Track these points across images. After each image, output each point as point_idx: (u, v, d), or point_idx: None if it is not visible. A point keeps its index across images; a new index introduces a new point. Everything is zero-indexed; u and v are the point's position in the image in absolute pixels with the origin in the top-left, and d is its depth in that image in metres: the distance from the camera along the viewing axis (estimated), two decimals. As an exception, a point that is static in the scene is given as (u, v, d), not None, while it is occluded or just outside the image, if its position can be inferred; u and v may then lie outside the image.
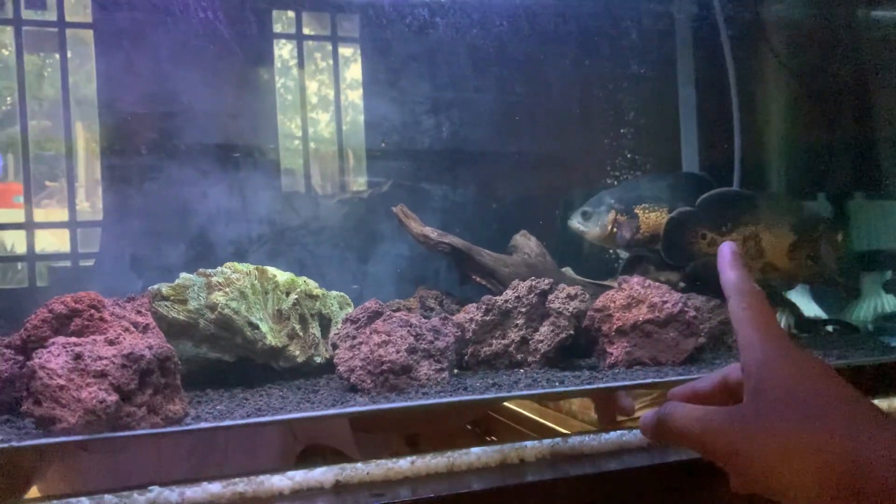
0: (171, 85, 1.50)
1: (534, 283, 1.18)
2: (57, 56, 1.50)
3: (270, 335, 1.17)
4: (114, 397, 0.79)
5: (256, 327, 1.16)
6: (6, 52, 1.45)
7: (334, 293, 1.30)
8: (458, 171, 1.60)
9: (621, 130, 1.64)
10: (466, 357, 1.17)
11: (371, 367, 1.01)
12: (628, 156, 1.62)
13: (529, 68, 1.56)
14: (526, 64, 1.55)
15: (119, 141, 1.52)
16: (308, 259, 1.51)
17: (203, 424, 0.85)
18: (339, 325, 1.18)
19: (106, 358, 0.82)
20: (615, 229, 1.42)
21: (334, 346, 1.10)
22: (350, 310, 1.29)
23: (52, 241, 1.56)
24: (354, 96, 1.67)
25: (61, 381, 0.79)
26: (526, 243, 1.37)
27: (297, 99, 1.72)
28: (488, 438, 1.99)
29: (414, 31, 1.53)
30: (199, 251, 1.42)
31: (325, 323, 1.27)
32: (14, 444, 0.76)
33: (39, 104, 1.51)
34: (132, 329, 0.96)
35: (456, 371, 1.13)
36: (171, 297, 1.16)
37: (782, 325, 1.44)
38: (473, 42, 1.57)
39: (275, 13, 1.69)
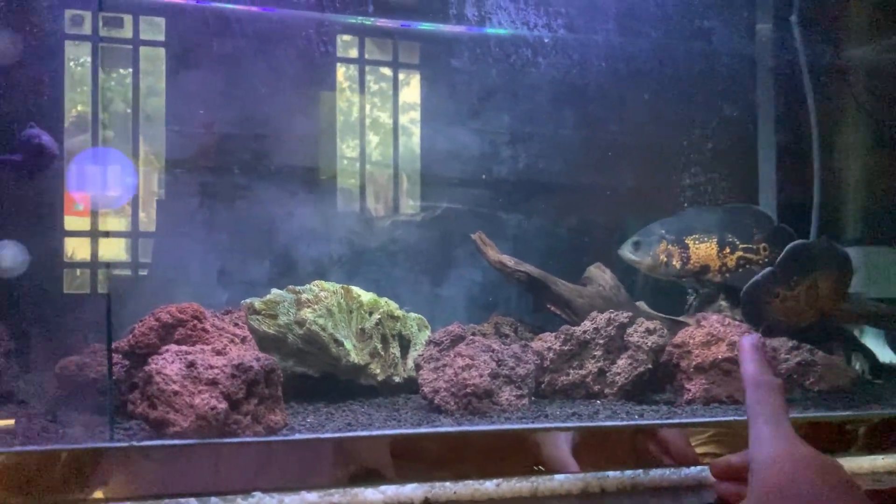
0: (244, 104, 1.57)
1: (613, 315, 1.20)
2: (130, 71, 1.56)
3: (354, 353, 1.21)
4: (224, 405, 0.84)
5: (341, 344, 1.20)
6: (82, 67, 1.53)
7: (413, 315, 1.33)
8: (538, 200, 1.64)
9: (700, 167, 1.65)
10: (543, 385, 1.19)
11: (455, 390, 1.04)
12: (706, 191, 1.63)
13: (610, 105, 1.60)
14: (606, 101, 1.59)
15: (183, 156, 1.58)
16: (380, 279, 1.55)
17: (330, 434, 0.89)
18: (422, 347, 1.22)
19: (217, 367, 0.86)
20: (665, 259, 1.44)
21: (417, 367, 1.13)
22: (428, 332, 1.33)
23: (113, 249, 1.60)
24: (432, 123, 1.72)
25: (176, 387, 0.84)
26: (601, 275, 1.39)
27: (374, 122, 1.78)
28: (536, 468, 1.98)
29: (476, 60, 1.58)
30: (254, 266, 1.47)
31: (405, 344, 1.31)
32: (135, 443, 0.81)
33: (110, 117, 1.58)
34: (226, 338, 1.01)
35: (532, 398, 1.15)
36: (263, 312, 1.21)
37: (857, 368, 1.43)
38: (548, 77, 1.61)
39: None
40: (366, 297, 1.28)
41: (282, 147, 1.64)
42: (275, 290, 1.24)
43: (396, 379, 1.27)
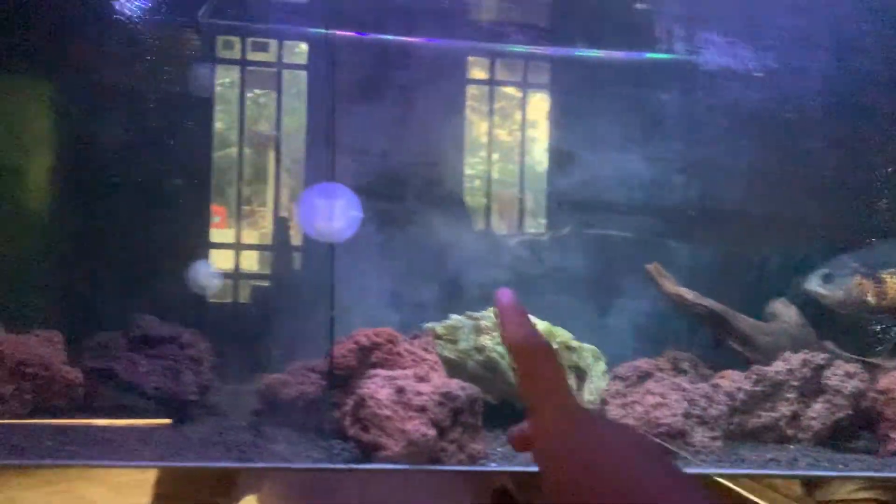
0: (395, 129, 1.61)
1: (808, 356, 1.14)
2: (273, 93, 1.64)
3: (532, 382, 1.21)
4: (433, 431, 0.86)
5: (519, 373, 1.21)
6: (231, 88, 1.61)
7: (588, 346, 1.32)
8: (710, 228, 1.59)
9: (877, 195, 1.55)
10: (732, 426, 1.15)
11: (646, 428, 1.02)
12: (885, 220, 1.53)
13: (792, 130, 1.53)
14: (788, 125, 1.52)
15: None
16: (545, 306, 1.54)
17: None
18: (599, 379, 1.20)
19: (425, 394, 0.89)
20: (858, 294, 1.34)
21: (603, 402, 1.12)
22: (602, 364, 1.31)
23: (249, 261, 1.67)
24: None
25: (388, 412, 0.87)
26: (786, 312, 1.33)
27: (535, 146, 1.78)
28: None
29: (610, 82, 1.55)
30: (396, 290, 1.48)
31: (580, 375, 1.29)
32: (353, 466, 0.84)
33: (254, 136, 1.66)
34: (427, 364, 1.04)
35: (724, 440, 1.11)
36: (444, 337, 1.24)
37: None
38: (721, 101, 1.56)
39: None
40: (540, 325, 1.28)
41: (432, 171, 1.67)
42: (454, 316, 1.27)
43: (572, 410, 1.25)
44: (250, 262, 1.66)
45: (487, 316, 1.26)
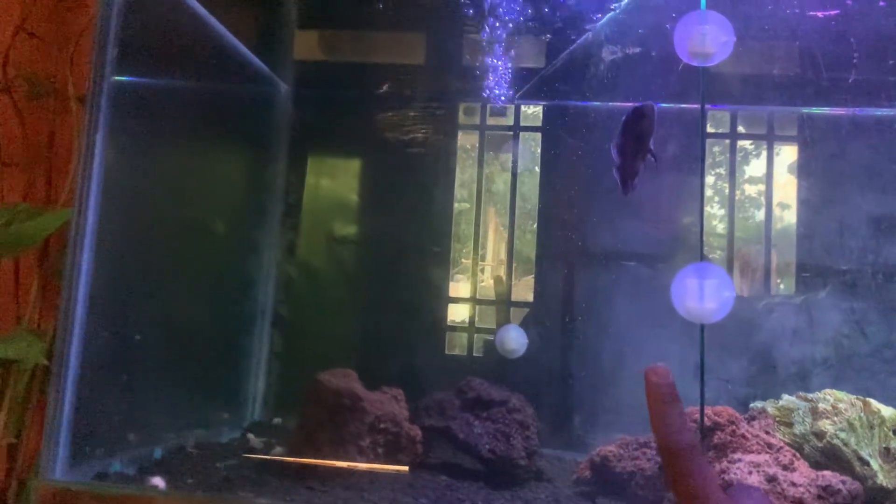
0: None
1: None
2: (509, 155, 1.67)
3: (881, 474, 1.11)
4: (814, 528, 0.81)
5: (866, 463, 1.11)
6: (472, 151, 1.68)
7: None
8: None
9: None
10: None
11: None
12: None
13: None
14: None
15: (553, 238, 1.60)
16: (873, 388, 1.41)
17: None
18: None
19: (800, 485, 0.84)
20: None
21: None
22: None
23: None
24: None
25: (761, 502, 0.83)
26: None
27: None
28: None
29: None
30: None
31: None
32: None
33: (493, 195, 1.69)
34: (788, 452, 0.99)
35: None
36: (777, 419, 1.18)
37: None
38: None
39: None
40: (886, 411, 1.17)
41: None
42: (786, 397, 1.20)
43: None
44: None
45: (824, 398, 1.18)
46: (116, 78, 1.06)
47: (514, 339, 1.47)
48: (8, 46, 1.64)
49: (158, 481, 1.06)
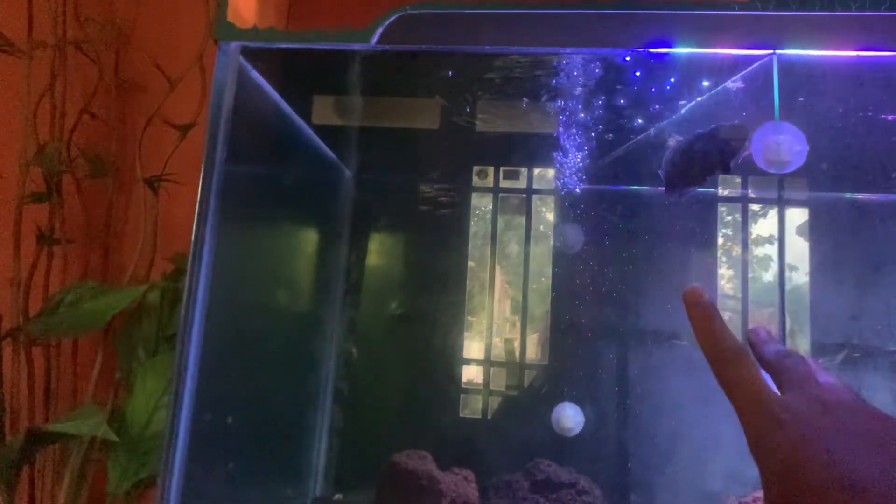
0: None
1: None
2: (522, 217, 1.75)
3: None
4: None
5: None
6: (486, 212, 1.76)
7: None
8: None
9: None
10: None
11: None
12: None
13: None
14: None
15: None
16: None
17: None
18: None
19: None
20: None
21: None
22: None
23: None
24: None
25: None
26: None
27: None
28: None
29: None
30: None
31: None
32: None
33: (507, 257, 1.76)
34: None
35: None
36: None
37: None
38: None
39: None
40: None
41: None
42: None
43: None
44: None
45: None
46: (223, 165, 1.13)
47: (571, 418, 1.52)
48: (72, 128, 1.72)
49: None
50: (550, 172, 1.71)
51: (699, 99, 1.25)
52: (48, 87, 1.65)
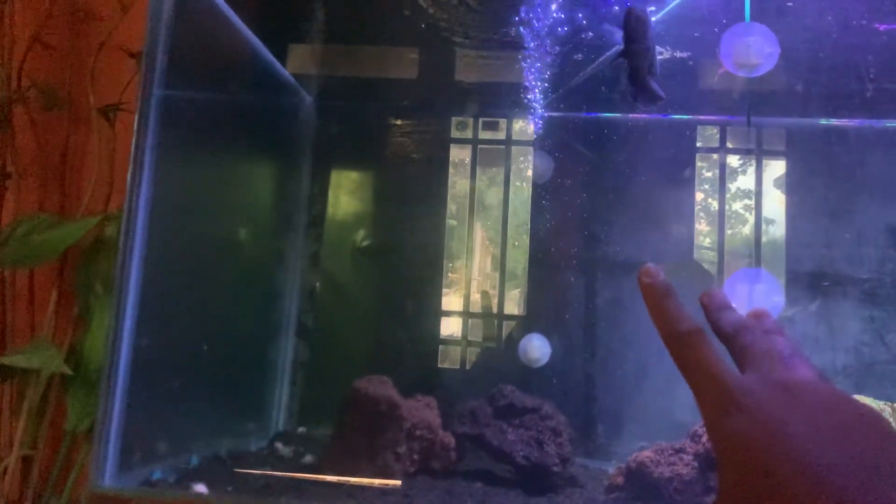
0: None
1: None
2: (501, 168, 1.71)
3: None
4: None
5: None
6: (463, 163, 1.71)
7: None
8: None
9: None
10: None
11: None
12: None
13: None
14: None
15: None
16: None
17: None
18: None
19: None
20: None
21: None
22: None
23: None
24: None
25: None
26: None
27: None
28: None
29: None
30: None
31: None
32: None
33: (486, 210, 1.72)
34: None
35: None
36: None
37: None
38: None
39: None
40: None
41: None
42: None
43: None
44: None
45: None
46: (164, 91, 1.08)
47: (538, 348, 1.50)
48: (22, 58, 1.64)
49: (201, 488, 1.07)
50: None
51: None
52: (-4, 12, 1.57)
